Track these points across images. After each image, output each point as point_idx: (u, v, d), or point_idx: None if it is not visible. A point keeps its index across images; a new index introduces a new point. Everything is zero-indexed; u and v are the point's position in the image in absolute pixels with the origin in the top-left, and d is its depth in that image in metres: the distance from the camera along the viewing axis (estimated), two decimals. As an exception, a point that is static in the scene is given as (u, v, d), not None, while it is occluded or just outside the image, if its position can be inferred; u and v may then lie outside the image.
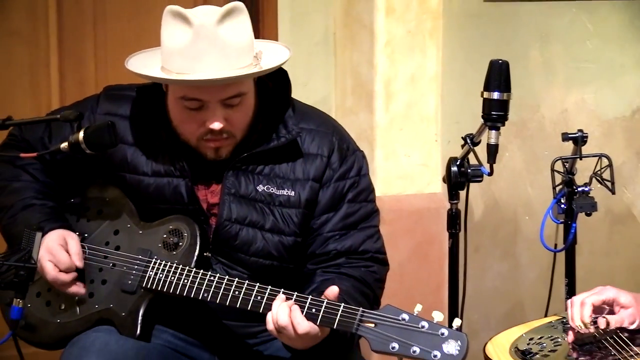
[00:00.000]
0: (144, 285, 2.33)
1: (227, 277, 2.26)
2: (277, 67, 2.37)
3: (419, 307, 2.09)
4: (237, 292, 2.23)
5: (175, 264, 2.32)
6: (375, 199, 2.49)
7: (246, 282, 2.24)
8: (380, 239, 2.46)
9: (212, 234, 2.40)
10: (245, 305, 2.22)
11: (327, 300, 2.15)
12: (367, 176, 2.47)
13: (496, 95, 2.76)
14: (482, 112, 2.79)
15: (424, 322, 2.06)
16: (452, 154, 3.00)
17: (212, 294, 2.26)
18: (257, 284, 2.23)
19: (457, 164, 2.91)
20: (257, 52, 2.34)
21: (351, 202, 2.42)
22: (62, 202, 2.51)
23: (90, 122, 2.42)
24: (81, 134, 2.33)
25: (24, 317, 2.35)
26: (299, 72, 3.56)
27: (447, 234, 2.98)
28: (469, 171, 2.90)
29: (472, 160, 2.91)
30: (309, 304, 2.15)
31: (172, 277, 2.31)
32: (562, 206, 3.01)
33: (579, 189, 2.99)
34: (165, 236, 2.38)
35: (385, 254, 2.47)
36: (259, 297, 2.21)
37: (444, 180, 3.00)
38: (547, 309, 3.21)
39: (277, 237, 2.39)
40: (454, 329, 2.06)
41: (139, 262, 2.36)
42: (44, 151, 2.45)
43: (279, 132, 2.40)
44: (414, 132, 3.56)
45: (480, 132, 2.85)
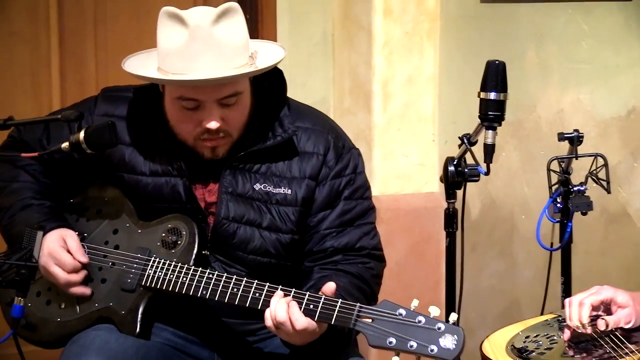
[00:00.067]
0: (143, 283, 2.34)
1: (226, 274, 2.27)
2: (272, 66, 2.38)
3: (415, 302, 2.09)
4: (235, 289, 2.24)
5: (174, 262, 2.32)
6: (371, 196, 2.49)
7: (244, 279, 2.24)
8: (376, 235, 2.47)
9: (210, 233, 2.40)
10: (243, 302, 2.23)
11: (324, 296, 2.15)
12: (362, 174, 2.48)
13: (493, 95, 2.75)
14: (479, 112, 2.78)
15: (421, 317, 2.06)
16: (449, 153, 2.99)
17: (211, 291, 2.26)
18: (256, 281, 2.23)
19: (454, 163, 2.90)
20: (252, 52, 2.35)
21: (347, 199, 2.43)
22: (61, 203, 2.51)
23: (88, 123, 2.43)
24: (82, 134, 2.34)
25: (25, 317, 2.35)
26: (298, 73, 3.57)
27: (444, 233, 2.98)
28: (466, 171, 2.89)
29: (469, 160, 2.90)
30: (306, 300, 2.16)
31: (171, 275, 2.31)
32: (558, 205, 3.00)
33: (575, 189, 2.98)
34: (164, 235, 2.39)
35: (381, 250, 2.48)
36: (258, 294, 2.22)
37: (441, 179, 2.99)
38: (543, 307, 3.20)
39: (274, 235, 2.39)
40: (451, 323, 2.06)
41: (138, 261, 2.37)
42: (44, 151, 2.45)
43: (275, 131, 2.41)
44: (411, 132, 3.55)
45: (477, 132, 2.84)
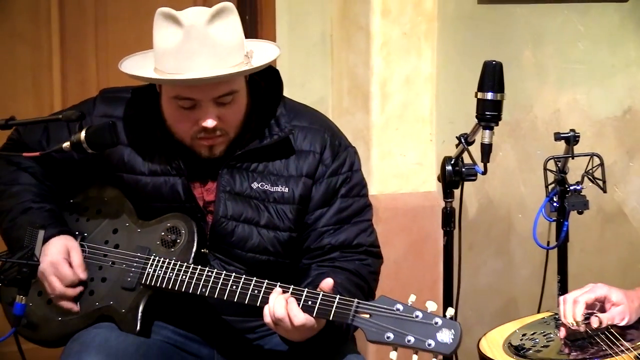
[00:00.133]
0: (143, 282, 2.35)
1: (225, 272, 2.27)
2: (267, 64, 2.38)
3: (412, 297, 2.09)
4: (234, 287, 2.24)
5: (173, 261, 2.33)
6: (367, 193, 2.49)
7: (243, 276, 2.25)
8: (373, 232, 2.47)
9: (209, 231, 2.40)
10: (242, 299, 2.23)
11: (322, 292, 2.16)
12: (359, 171, 2.48)
13: (490, 95, 2.76)
14: (476, 112, 2.79)
15: (418, 312, 2.07)
16: (446, 153, 3.00)
17: (210, 289, 2.27)
18: (254, 278, 2.24)
19: (452, 163, 2.91)
20: (247, 51, 2.35)
21: (344, 197, 2.43)
22: (61, 204, 2.52)
23: (88, 124, 2.42)
24: (83, 133, 2.35)
25: (26, 316, 2.35)
26: (297, 73, 3.57)
27: (441, 232, 2.99)
28: (463, 170, 2.90)
29: (467, 159, 2.91)
30: (305, 296, 2.16)
31: (171, 274, 2.32)
32: (555, 204, 3.02)
33: (571, 188, 3.00)
34: (163, 234, 2.39)
35: (379, 247, 2.48)
36: (256, 291, 2.22)
37: (438, 179, 3.00)
38: (540, 305, 3.22)
39: (272, 233, 2.40)
40: (448, 318, 2.06)
41: (138, 260, 2.37)
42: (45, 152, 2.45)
43: (271, 130, 2.41)
44: (409, 132, 3.54)
45: (474, 131, 2.85)
